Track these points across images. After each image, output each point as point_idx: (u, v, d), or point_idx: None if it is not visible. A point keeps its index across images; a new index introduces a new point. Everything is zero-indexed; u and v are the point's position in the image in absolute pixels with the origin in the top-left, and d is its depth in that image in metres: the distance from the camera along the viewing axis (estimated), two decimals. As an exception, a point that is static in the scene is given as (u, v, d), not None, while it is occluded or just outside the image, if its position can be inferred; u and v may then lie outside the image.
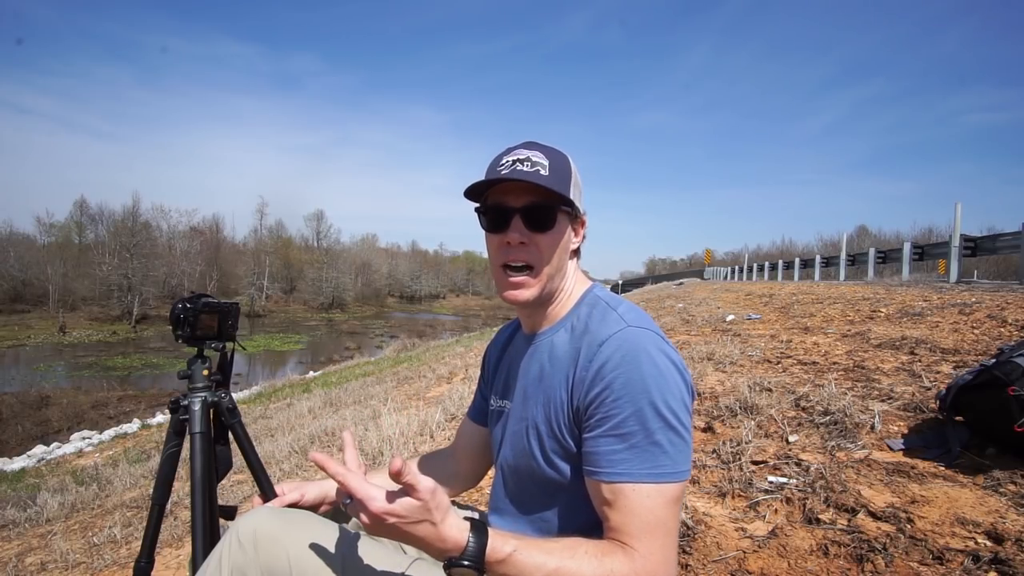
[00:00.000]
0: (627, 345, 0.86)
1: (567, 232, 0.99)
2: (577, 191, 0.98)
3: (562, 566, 0.79)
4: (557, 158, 0.96)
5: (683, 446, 0.85)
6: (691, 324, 6.61)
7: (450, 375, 6.95)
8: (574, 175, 0.98)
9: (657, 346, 0.87)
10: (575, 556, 0.80)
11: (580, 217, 1.00)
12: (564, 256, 0.99)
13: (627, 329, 0.88)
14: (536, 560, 0.78)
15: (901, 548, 1.37)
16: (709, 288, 17.54)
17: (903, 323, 4.54)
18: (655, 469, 0.83)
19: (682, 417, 0.85)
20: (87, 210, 61.57)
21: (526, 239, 0.93)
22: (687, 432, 0.86)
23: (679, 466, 0.84)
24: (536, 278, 0.95)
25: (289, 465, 3.70)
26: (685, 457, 0.85)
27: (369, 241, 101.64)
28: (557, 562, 0.79)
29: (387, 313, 73.01)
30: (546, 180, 0.91)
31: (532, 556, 0.79)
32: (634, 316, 0.92)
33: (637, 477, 0.83)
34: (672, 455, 0.84)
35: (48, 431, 14.23)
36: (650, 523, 0.82)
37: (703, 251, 45.73)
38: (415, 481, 0.74)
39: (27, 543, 3.43)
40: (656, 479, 0.83)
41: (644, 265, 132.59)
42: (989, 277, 17.47)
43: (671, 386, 0.85)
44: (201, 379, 1.42)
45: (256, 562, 0.88)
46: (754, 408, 2.55)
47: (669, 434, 0.83)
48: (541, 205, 0.93)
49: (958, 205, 10.31)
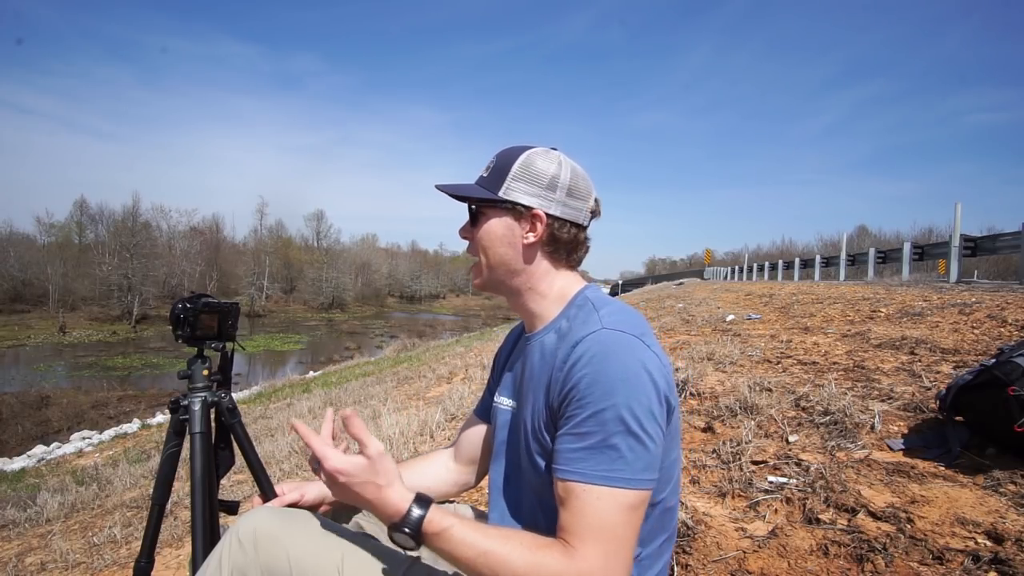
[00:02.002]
0: (597, 347, 0.85)
1: (503, 227, 0.99)
2: (526, 185, 0.97)
3: (492, 549, 0.80)
4: (504, 157, 1.00)
5: (644, 453, 0.82)
6: (691, 324, 6.62)
7: (450, 375, 6.95)
8: (516, 170, 0.97)
9: (630, 349, 0.85)
10: (508, 543, 0.81)
11: (532, 211, 0.97)
12: (505, 251, 0.99)
13: (602, 331, 0.87)
14: (469, 539, 0.81)
15: (901, 548, 1.37)
16: (709, 288, 17.54)
17: (903, 323, 4.54)
18: (609, 472, 0.81)
19: (646, 424, 0.82)
20: (87, 210, 61.63)
21: (468, 235, 1.04)
22: (651, 440, 0.83)
23: (637, 473, 0.82)
24: (479, 269, 1.03)
25: (289, 465, 3.70)
26: (645, 465, 0.83)
27: (369, 241, 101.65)
28: (489, 544, 0.81)
29: (387, 313, 73.02)
30: (480, 182, 1.00)
31: (467, 535, 0.82)
32: (615, 318, 0.90)
33: (589, 478, 0.82)
34: (630, 461, 0.82)
35: (48, 431, 14.24)
36: (595, 526, 0.81)
37: (703, 251, 45.77)
38: (364, 436, 0.86)
39: (27, 543, 3.43)
40: (608, 483, 0.81)
41: (644, 265, 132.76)
42: (989, 277, 17.48)
43: (637, 392, 0.83)
44: (201, 379, 1.42)
45: (256, 562, 0.88)
46: (754, 408, 2.55)
47: (629, 439, 0.82)
48: (470, 207, 1.02)
49: (958, 205, 10.31)
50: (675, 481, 0.96)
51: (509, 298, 1.05)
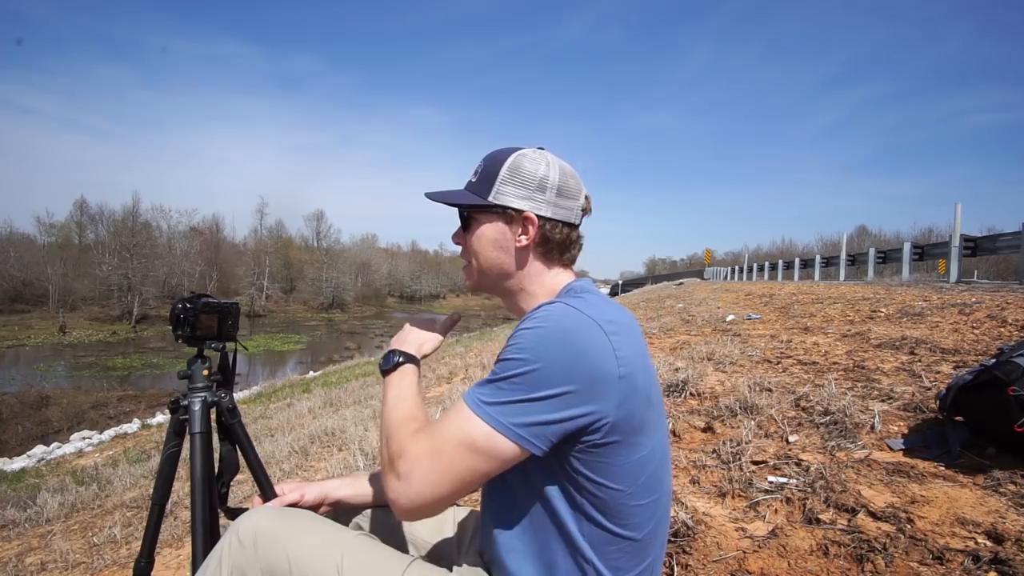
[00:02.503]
0: (544, 313, 0.86)
1: (494, 231, 1.00)
2: (516, 188, 0.97)
3: (401, 409, 0.95)
4: (491, 161, 1.00)
5: (524, 412, 0.81)
6: (691, 324, 6.61)
7: (450, 375, 6.95)
8: (504, 174, 0.98)
9: (580, 326, 0.84)
10: (411, 411, 0.95)
11: (523, 215, 0.97)
12: (496, 254, 1.00)
13: (559, 303, 0.88)
14: (399, 395, 0.99)
15: (901, 548, 1.37)
16: (709, 288, 17.54)
17: (903, 323, 4.54)
18: (482, 397, 0.83)
19: (545, 392, 0.80)
20: (87, 210, 61.62)
21: (460, 240, 1.06)
22: (543, 411, 0.81)
23: (506, 417, 0.81)
24: (471, 271, 1.06)
25: (289, 465, 3.70)
26: (521, 422, 0.81)
27: (369, 241, 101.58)
28: (402, 406, 0.96)
29: (387, 313, 72.97)
30: (470, 188, 1.02)
31: (402, 390, 1.00)
32: (577, 301, 0.89)
33: (468, 397, 0.86)
34: (505, 404, 0.81)
35: (48, 431, 14.23)
36: (441, 431, 0.86)
37: (703, 251, 45.72)
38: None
39: (27, 543, 3.43)
40: (474, 407, 0.83)
41: (644, 265, 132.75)
42: (989, 277, 17.48)
43: (560, 360, 0.80)
44: (201, 379, 1.41)
45: (256, 562, 0.88)
46: (754, 408, 2.55)
47: (520, 389, 0.81)
48: (460, 213, 1.04)
49: (958, 205, 10.30)
50: (646, 480, 0.89)
51: (504, 299, 1.06)
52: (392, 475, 0.86)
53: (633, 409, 0.85)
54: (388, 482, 0.87)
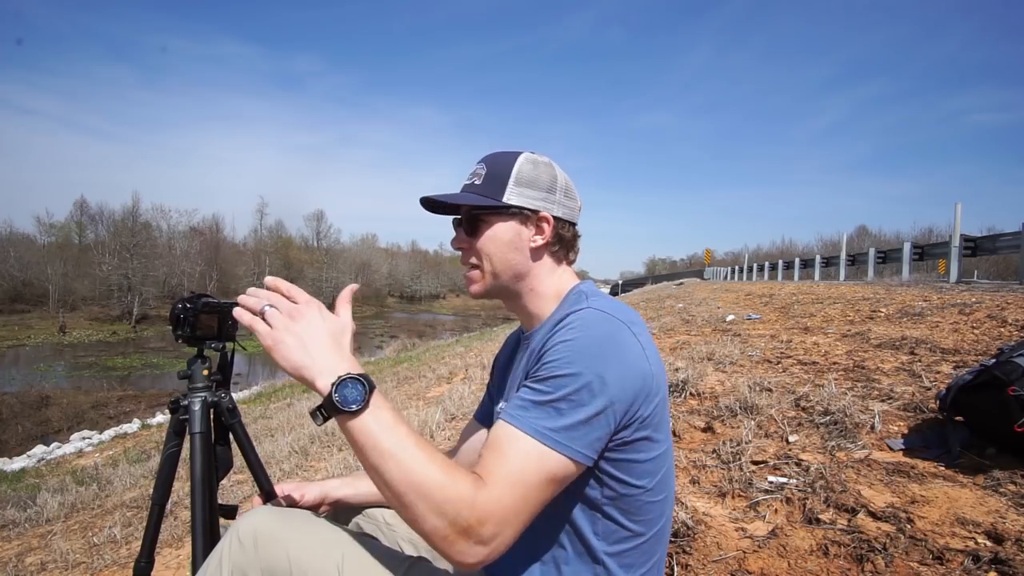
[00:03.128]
0: (579, 320, 0.86)
1: (508, 232, 1.00)
2: (528, 189, 0.99)
3: (409, 450, 0.76)
4: (498, 163, 1.00)
5: (587, 429, 0.80)
6: (691, 324, 6.61)
7: (450, 375, 6.95)
8: (515, 176, 0.99)
9: (613, 329, 0.85)
10: (425, 452, 0.77)
11: (538, 214, 1.00)
12: (511, 255, 1.00)
13: (588, 309, 0.88)
14: (391, 433, 0.77)
15: (901, 548, 1.37)
16: (709, 288, 17.54)
17: (903, 323, 4.54)
18: (547, 430, 0.79)
19: (599, 402, 0.79)
20: (87, 210, 61.69)
21: (466, 244, 1.02)
22: (599, 421, 0.80)
23: (573, 443, 0.79)
24: (482, 275, 1.01)
25: (289, 465, 3.70)
26: (585, 441, 0.80)
27: (369, 241, 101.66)
28: (408, 445, 0.77)
29: (387, 313, 73.01)
30: (473, 190, 1.00)
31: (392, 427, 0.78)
32: (603, 302, 0.91)
33: (527, 427, 0.79)
34: (570, 428, 0.79)
35: (48, 431, 14.23)
36: (513, 475, 0.77)
37: (703, 251, 45.73)
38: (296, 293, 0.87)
39: (27, 543, 3.43)
40: (542, 439, 0.79)
41: (644, 265, 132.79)
42: (989, 277, 17.46)
43: (606, 369, 0.81)
44: (201, 379, 1.41)
45: (256, 562, 0.88)
46: (754, 408, 2.55)
47: (578, 410, 0.79)
48: (468, 216, 1.01)
49: (958, 205, 10.30)
50: (662, 476, 0.92)
51: (509, 301, 1.05)
52: (468, 542, 0.75)
53: (659, 404, 0.88)
54: (459, 548, 0.75)
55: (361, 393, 0.78)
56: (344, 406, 0.77)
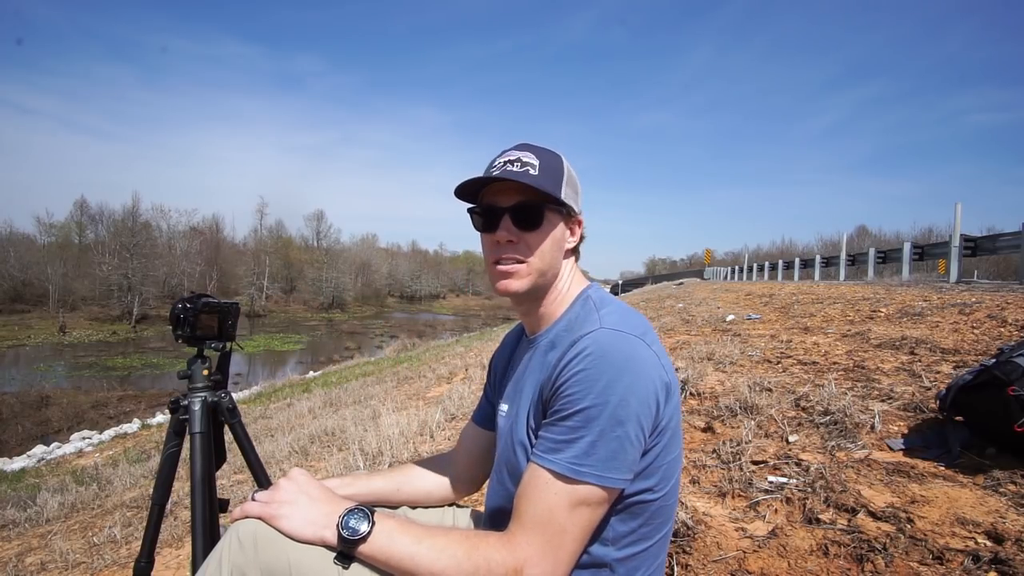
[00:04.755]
0: (594, 345, 0.85)
1: (559, 230, 1.00)
2: (571, 190, 1.00)
3: (425, 552, 0.81)
4: (548, 158, 0.98)
5: (620, 454, 0.82)
6: (691, 324, 6.61)
7: (450, 375, 6.95)
8: (567, 174, 0.99)
9: (629, 349, 0.85)
10: (441, 540, 0.83)
11: (575, 216, 1.02)
12: (556, 254, 1.00)
13: (600, 330, 0.87)
14: (401, 543, 0.84)
15: (901, 548, 1.37)
16: (709, 288, 17.54)
17: (903, 323, 4.54)
18: (577, 464, 0.81)
19: (629, 426, 0.82)
20: (87, 210, 61.61)
21: (515, 237, 0.96)
22: (631, 443, 0.82)
23: (607, 471, 0.81)
24: (527, 271, 0.97)
25: (289, 465, 3.70)
26: (619, 466, 0.82)
27: (369, 241, 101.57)
28: (423, 547, 0.82)
29: (387, 313, 72.99)
30: (534, 179, 0.94)
31: (400, 538, 0.84)
32: (614, 318, 0.90)
33: (557, 467, 0.82)
34: (603, 458, 0.81)
35: (48, 431, 14.23)
36: (543, 516, 0.81)
37: (703, 251, 45.72)
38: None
39: (27, 543, 3.43)
40: (573, 474, 0.81)
41: (644, 265, 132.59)
42: (989, 277, 17.47)
43: (628, 393, 0.82)
44: (201, 379, 1.42)
45: (256, 562, 0.88)
46: (754, 408, 2.55)
47: (609, 438, 0.81)
48: (529, 204, 0.95)
49: (958, 205, 10.30)
50: (675, 480, 0.95)
51: (531, 302, 1.02)
52: None
53: (675, 409, 0.91)
54: None
55: (363, 517, 0.86)
56: (355, 536, 0.84)
